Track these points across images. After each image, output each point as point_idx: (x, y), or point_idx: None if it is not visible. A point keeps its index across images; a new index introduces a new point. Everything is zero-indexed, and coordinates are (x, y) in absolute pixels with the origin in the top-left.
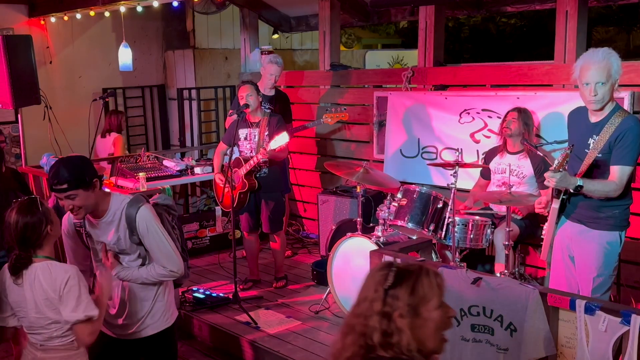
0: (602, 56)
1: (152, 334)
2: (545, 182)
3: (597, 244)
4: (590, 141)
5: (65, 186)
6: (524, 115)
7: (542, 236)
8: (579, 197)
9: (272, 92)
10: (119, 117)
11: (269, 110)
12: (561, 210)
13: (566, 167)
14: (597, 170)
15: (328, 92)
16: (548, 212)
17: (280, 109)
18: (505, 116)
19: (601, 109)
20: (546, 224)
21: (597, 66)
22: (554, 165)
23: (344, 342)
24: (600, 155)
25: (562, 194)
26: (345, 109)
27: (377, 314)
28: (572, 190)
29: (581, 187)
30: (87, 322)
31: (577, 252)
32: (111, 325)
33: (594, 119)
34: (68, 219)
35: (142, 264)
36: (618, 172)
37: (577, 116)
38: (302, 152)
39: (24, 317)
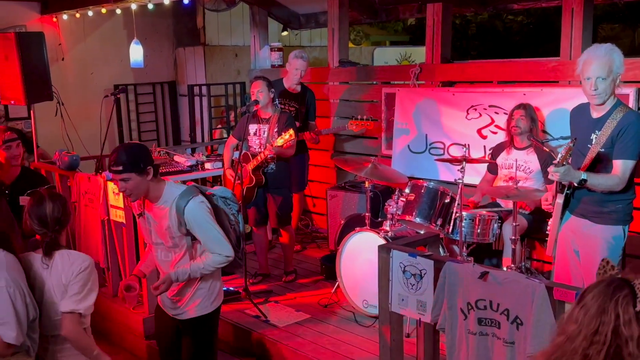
0: (604, 51)
1: (192, 317)
2: (550, 176)
3: (601, 238)
4: (593, 136)
5: (120, 168)
6: (529, 111)
7: (547, 232)
8: (583, 192)
9: (298, 89)
10: None
11: (278, 108)
12: (565, 205)
13: (569, 161)
14: (600, 164)
15: (337, 89)
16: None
17: (308, 105)
18: (512, 114)
19: (602, 104)
20: (551, 219)
21: (598, 61)
22: (557, 159)
23: None
24: (602, 150)
25: (566, 189)
26: (371, 118)
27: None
28: (576, 184)
29: (585, 180)
30: (73, 315)
31: (582, 247)
32: (165, 304)
33: (595, 114)
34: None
35: (190, 257)
36: (621, 166)
37: (579, 113)
38: (311, 148)
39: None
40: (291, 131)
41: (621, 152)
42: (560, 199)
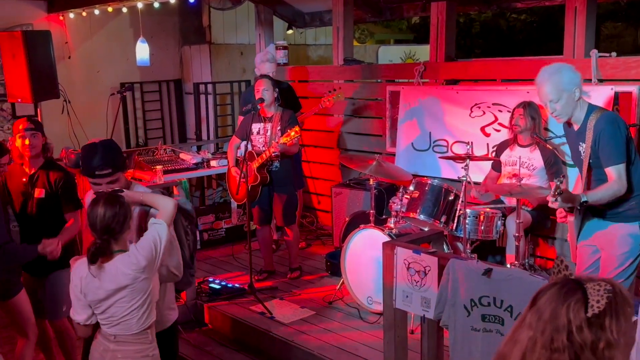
0: (548, 75)
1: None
2: (551, 206)
3: (619, 236)
4: (580, 148)
5: (109, 171)
6: (530, 109)
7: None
8: None
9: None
10: None
11: (281, 107)
12: (583, 213)
13: (561, 193)
14: (596, 171)
15: (342, 87)
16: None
17: (286, 102)
18: (513, 112)
19: (570, 119)
20: (567, 233)
21: (544, 86)
22: (549, 194)
23: None
24: (591, 160)
25: (574, 208)
26: (340, 88)
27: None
28: (579, 208)
29: (586, 201)
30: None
31: (601, 245)
32: None
33: (575, 127)
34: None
35: None
36: (614, 172)
37: (566, 126)
38: (316, 146)
39: (103, 312)
40: (297, 128)
41: (607, 160)
42: (571, 218)
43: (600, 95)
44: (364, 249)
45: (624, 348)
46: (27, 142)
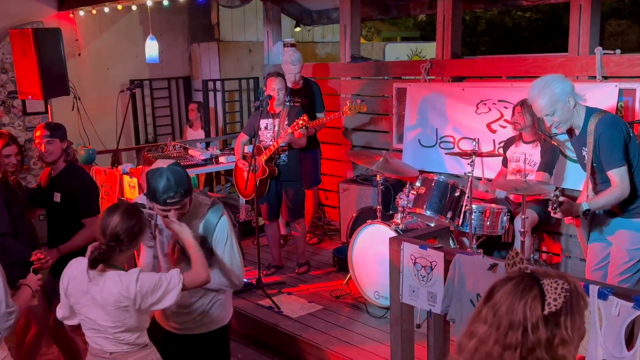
0: (538, 91)
1: (205, 332)
2: (553, 216)
3: (629, 230)
4: (584, 152)
5: (178, 199)
6: (528, 107)
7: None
8: None
9: (300, 84)
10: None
11: (289, 104)
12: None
13: (561, 204)
14: (599, 175)
15: (349, 84)
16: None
17: (310, 100)
18: (513, 110)
19: (570, 128)
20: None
21: (537, 101)
22: (549, 207)
23: None
24: (595, 164)
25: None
26: (364, 101)
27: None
28: (582, 216)
29: (589, 210)
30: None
31: (612, 239)
32: (168, 319)
33: (576, 132)
34: None
35: None
36: (615, 176)
37: (569, 133)
38: (323, 142)
39: (85, 320)
40: (304, 116)
41: (608, 164)
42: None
43: (605, 92)
44: (371, 244)
45: (577, 342)
46: (43, 149)
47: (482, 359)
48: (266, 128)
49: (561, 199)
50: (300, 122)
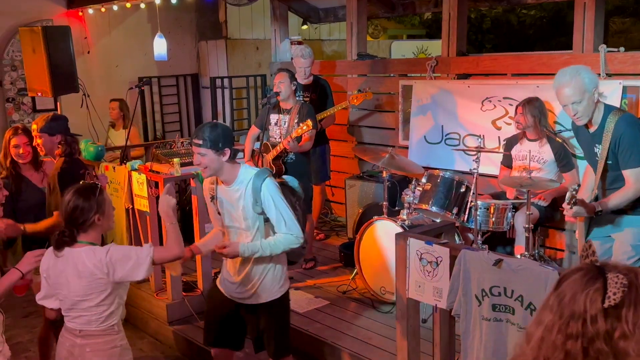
0: (570, 77)
1: (263, 302)
2: (565, 214)
3: (633, 227)
4: (596, 150)
5: (200, 142)
6: (529, 107)
7: (576, 231)
8: (609, 193)
9: (310, 80)
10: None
11: (301, 99)
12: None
13: (576, 203)
14: (612, 173)
15: (355, 81)
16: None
17: (318, 96)
18: (516, 110)
19: (589, 121)
20: (576, 231)
21: (567, 88)
22: (565, 202)
23: None
24: (609, 162)
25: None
26: (369, 88)
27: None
28: (594, 216)
29: (600, 211)
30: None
31: (615, 235)
32: (229, 288)
33: (591, 129)
34: (207, 187)
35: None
36: (631, 176)
37: (579, 128)
38: (330, 138)
39: (64, 299)
40: (309, 122)
41: (625, 163)
42: (580, 221)
43: (608, 89)
44: (378, 240)
45: (639, 338)
46: (34, 142)
47: (548, 350)
48: (276, 124)
49: (578, 196)
50: (304, 127)
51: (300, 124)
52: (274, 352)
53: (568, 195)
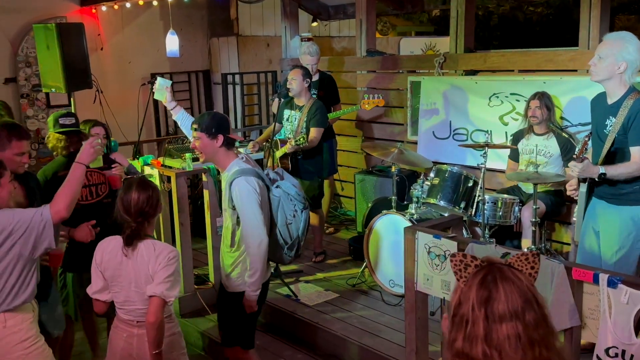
0: (615, 36)
1: (231, 292)
2: (569, 172)
3: (620, 219)
4: (608, 122)
5: (196, 126)
6: (545, 99)
7: (573, 218)
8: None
9: (315, 77)
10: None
11: (315, 97)
12: (590, 192)
13: (586, 155)
14: (618, 149)
15: (364, 77)
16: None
17: (325, 92)
18: (529, 104)
19: (605, 87)
20: (576, 207)
21: (605, 42)
22: (575, 152)
23: None
24: (617, 136)
25: (588, 179)
26: (381, 96)
27: None
28: (596, 179)
29: (604, 174)
30: (159, 300)
31: (602, 227)
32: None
33: (609, 100)
34: None
35: (233, 235)
36: (638, 153)
37: (597, 100)
38: (340, 134)
39: (119, 292)
40: (301, 139)
41: (635, 139)
42: (583, 188)
43: None
44: (386, 233)
45: None
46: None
47: None
48: (288, 119)
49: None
50: (296, 141)
51: (298, 136)
52: (222, 338)
53: (580, 143)
